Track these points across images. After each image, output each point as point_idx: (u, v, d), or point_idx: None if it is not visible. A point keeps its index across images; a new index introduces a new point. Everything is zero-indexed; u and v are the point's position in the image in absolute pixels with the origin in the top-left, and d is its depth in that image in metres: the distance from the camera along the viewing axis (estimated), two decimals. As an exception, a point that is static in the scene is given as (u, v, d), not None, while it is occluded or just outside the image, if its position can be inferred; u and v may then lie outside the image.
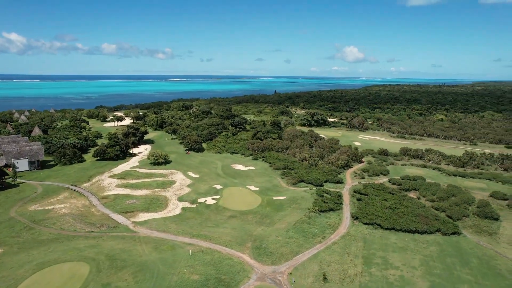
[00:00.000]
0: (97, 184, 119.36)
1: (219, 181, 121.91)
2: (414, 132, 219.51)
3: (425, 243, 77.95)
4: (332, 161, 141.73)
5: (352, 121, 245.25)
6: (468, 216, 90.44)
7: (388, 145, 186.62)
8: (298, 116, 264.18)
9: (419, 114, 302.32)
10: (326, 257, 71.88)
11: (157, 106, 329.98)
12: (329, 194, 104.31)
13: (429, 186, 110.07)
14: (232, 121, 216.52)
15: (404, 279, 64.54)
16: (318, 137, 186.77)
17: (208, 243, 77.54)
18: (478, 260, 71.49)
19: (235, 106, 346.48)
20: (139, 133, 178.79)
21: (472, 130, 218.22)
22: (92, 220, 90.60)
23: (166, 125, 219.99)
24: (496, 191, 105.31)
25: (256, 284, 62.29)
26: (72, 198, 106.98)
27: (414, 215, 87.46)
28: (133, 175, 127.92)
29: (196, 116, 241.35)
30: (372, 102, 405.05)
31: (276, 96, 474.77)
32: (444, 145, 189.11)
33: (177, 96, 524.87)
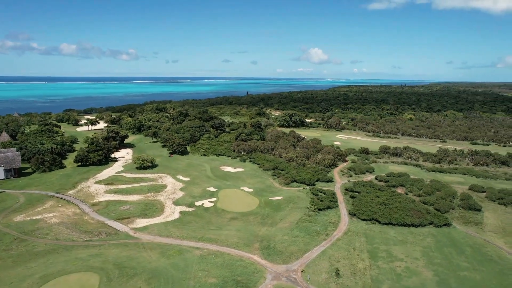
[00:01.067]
0: (83, 191, 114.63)
1: (211, 183, 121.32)
2: (388, 131, 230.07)
3: (421, 236, 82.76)
4: (318, 160, 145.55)
5: (328, 121, 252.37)
6: (454, 208, 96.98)
7: (366, 144, 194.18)
8: (277, 117, 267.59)
9: (389, 113, 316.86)
10: (333, 253, 74.32)
11: (130, 109, 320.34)
12: (324, 193, 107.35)
13: (414, 182, 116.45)
14: (212, 123, 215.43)
15: (410, 269, 68.34)
16: (300, 138, 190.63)
17: (215, 246, 77.39)
18: (471, 249, 77.11)
19: (210, 108, 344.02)
20: (119, 137, 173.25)
21: (440, 128, 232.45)
22: (88, 228, 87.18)
23: (144, 128, 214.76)
24: (474, 185, 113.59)
25: (274, 284, 63.30)
26: (60, 206, 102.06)
27: (407, 210, 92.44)
28: (121, 180, 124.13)
29: (174, 118, 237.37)
30: (343, 102, 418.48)
31: (249, 98, 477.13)
32: (417, 143, 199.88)
33: (146, 98, 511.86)
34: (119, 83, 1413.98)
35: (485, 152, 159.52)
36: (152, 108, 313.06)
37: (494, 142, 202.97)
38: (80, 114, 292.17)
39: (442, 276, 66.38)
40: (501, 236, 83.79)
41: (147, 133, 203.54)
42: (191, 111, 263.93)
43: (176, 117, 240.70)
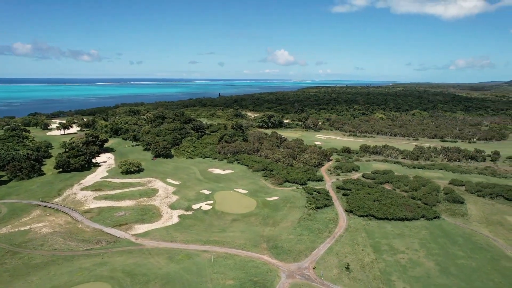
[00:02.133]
0: (70, 198, 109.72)
1: (203, 186, 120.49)
2: (364, 130, 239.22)
3: (416, 229, 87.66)
4: (305, 160, 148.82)
5: (306, 122, 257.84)
6: (440, 202, 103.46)
7: (345, 143, 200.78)
8: (255, 119, 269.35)
9: (361, 113, 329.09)
10: (339, 249, 76.96)
11: (102, 112, 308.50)
12: (318, 192, 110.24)
13: (400, 178, 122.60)
14: (193, 125, 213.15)
15: (413, 260, 72.40)
16: (282, 138, 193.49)
17: (223, 248, 77.42)
18: (462, 239, 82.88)
19: (185, 110, 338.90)
20: (99, 141, 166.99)
21: (411, 127, 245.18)
22: (85, 236, 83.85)
23: (121, 131, 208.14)
24: (454, 179, 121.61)
25: (290, 282, 64.61)
26: (47, 215, 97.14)
27: (400, 205, 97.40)
28: (109, 186, 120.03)
29: (152, 121, 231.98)
30: (315, 103, 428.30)
31: (222, 99, 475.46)
32: (393, 141, 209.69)
33: (115, 100, 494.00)
34: (82, 85, 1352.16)
35: (456, 148, 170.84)
36: (125, 110, 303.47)
37: (460, 139, 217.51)
38: (48, 118, 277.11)
39: (443, 265, 70.96)
40: (485, 226, 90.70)
41: (126, 137, 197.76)
42: (168, 114, 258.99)
43: (154, 119, 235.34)
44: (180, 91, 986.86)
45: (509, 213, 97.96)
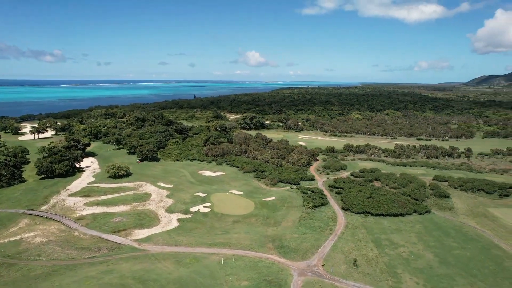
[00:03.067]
0: (59, 205, 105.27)
1: (197, 188, 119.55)
2: (344, 130, 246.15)
3: (410, 223, 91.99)
4: (294, 160, 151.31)
5: (287, 122, 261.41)
6: (428, 197, 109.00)
7: (327, 143, 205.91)
8: (237, 120, 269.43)
9: (338, 114, 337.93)
10: (343, 246, 79.40)
11: (75, 115, 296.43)
12: (312, 191, 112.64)
13: (387, 176, 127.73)
14: (176, 127, 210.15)
15: (414, 253, 76.12)
16: (267, 139, 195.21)
17: (230, 250, 77.55)
18: (454, 231, 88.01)
19: (162, 112, 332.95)
20: (81, 145, 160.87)
21: (388, 126, 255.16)
22: (84, 244, 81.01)
23: (101, 135, 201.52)
24: (437, 175, 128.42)
25: (302, 279, 65.99)
26: (38, 224, 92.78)
27: (392, 201, 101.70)
28: (98, 191, 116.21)
29: (132, 124, 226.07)
30: (292, 104, 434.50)
31: (199, 101, 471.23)
32: (372, 140, 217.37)
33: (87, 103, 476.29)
34: (47, 87, 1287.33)
35: (433, 146, 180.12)
36: (100, 113, 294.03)
37: (434, 137, 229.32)
38: (16, 122, 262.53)
39: (441, 256, 75.16)
40: (472, 218, 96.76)
41: (106, 140, 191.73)
42: (147, 116, 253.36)
43: (134, 122, 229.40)
44: (152, 92, 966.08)
45: (490, 205, 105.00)
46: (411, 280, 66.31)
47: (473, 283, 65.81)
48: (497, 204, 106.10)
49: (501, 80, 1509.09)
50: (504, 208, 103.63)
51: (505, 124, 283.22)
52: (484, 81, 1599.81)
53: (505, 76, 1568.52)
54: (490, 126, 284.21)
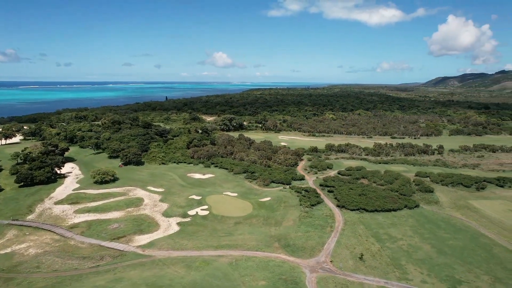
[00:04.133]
0: (46, 214, 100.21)
1: (190, 192, 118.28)
2: (322, 130, 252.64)
3: (403, 217, 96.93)
4: (281, 161, 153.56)
5: (266, 123, 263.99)
6: (415, 192, 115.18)
7: (308, 143, 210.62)
8: (216, 122, 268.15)
9: (313, 114, 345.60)
10: (346, 241, 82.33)
11: (42, 118, 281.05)
12: (306, 191, 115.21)
13: (374, 174, 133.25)
14: (156, 130, 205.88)
15: (412, 246, 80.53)
16: (251, 140, 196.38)
17: (237, 251, 77.93)
18: (443, 223, 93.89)
19: (135, 115, 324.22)
20: (59, 150, 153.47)
21: (364, 126, 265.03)
22: (84, 253, 77.95)
23: (77, 139, 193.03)
24: (419, 171, 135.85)
25: (315, 276, 67.86)
26: (27, 234, 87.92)
27: (384, 197, 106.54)
28: (87, 198, 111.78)
29: (109, 127, 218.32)
30: (266, 105, 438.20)
31: (172, 103, 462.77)
32: (350, 140, 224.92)
33: (50, 106, 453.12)
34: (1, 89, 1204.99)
35: (409, 144, 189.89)
36: (70, 116, 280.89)
37: (406, 135, 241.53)
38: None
39: (437, 247, 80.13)
40: (456, 210, 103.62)
41: (83, 144, 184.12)
42: (123, 119, 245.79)
43: (110, 125, 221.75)
44: (119, 94, 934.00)
45: (470, 198, 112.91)
46: (416, 270, 70.28)
47: (470, 270, 70.90)
48: (476, 197, 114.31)
49: (455, 81, 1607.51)
50: (482, 200, 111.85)
51: (466, 122, 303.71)
52: (440, 82, 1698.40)
53: (458, 78, 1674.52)
54: (453, 124, 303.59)
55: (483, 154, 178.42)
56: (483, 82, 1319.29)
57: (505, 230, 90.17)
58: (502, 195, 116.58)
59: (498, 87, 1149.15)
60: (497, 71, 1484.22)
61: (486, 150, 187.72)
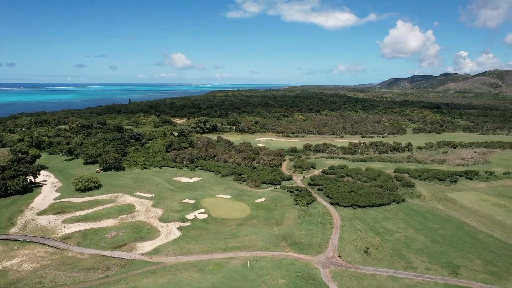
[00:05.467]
0: (31, 226, 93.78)
1: (181, 195, 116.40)
2: (295, 131, 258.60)
3: (394, 211, 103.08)
4: (265, 162, 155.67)
5: (240, 125, 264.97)
6: (398, 187, 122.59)
7: (285, 143, 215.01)
8: (189, 124, 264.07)
9: (282, 115, 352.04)
10: (348, 237, 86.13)
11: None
12: (298, 190, 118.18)
13: (357, 171, 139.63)
14: (131, 134, 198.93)
15: (409, 237, 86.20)
16: (230, 142, 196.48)
17: (247, 252, 78.58)
18: (429, 214, 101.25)
19: (101, 118, 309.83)
20: (30, 158, 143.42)
21: (334, 126, 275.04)
22: (87, 264, 74.33)
23: (44, 145, 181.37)
24: (397, 168, 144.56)
25: (329, 271, 70.54)
26: (15, 249, 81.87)
27: (372, 193, 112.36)
28: (73, 207, 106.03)
29: (79, 131, 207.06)
30: (234, 107, 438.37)
31: (136, 105, 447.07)
32: (324, 139, 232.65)
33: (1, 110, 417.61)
34: None
35: (381, 142, 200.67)
36: (29, 121, 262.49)
37: (375, 134, 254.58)
38: None
39: (430, 237, 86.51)
40: (437, 202, 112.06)
41: (53, 150, 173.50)
42: (92, 123, 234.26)
43: (80, 130, 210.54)
44: (75, 97, 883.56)
45: (447, 191, 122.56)
46: (417, 259, 75.52)
47: (464, 255, 77.59)
48: (451, 189, 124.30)
49: (406, 83, 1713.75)
50: (457, 192, 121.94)
51: (425, 121, 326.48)
52: (393, 83, 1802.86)
53: (408, 79, 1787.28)
54: (414, 123, 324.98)
55: (447, 150, 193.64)
56: (430, 84, 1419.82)
57: (483, 218, 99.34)
58: (472, 187, 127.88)
59: (443, 88, 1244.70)
60: (441, 73, 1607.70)
61: (448, 147, 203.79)
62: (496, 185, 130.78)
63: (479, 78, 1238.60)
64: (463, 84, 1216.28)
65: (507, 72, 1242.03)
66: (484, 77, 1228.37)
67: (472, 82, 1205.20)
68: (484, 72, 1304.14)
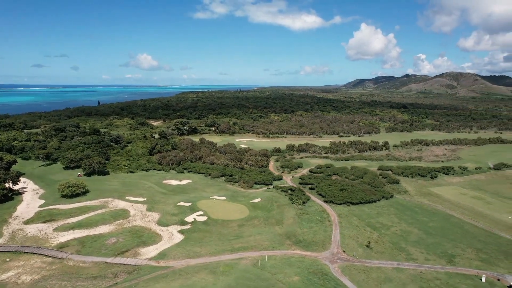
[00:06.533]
0: (20, 235, 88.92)
1: (174, 199, 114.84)
2: (274, 131, 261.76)
3: (385, 207, 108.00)
4: (253, 162, 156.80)
5: (220, 127, 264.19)
6: (385, 184, 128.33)
7: (267, 144, 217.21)
8: (169, 126, 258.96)
9: (259, 116, 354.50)
10: (348, 233, 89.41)
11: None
12: (291, 189, 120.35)
13: (343, 170, 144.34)
14: (111, 137, 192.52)
15: (404, 230, 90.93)
16: (213, 144, 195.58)
17: (255, 252, 79.47)
18: (418, 209, 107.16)
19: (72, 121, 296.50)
20: (5, 164, 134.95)
21: (311, 126, 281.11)
22: (92, 273, 71.90)
23: (16, 150, 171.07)
24: (380, 166, 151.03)
25: (337, 266, 73.11)
26: (8, 261, 77.48)
27: (362, 191, 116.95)
28: (62, 214, 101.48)
29: (53, 135, 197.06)
30: (209, 108, 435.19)
31: (107, 108, 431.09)
32: (303, 139, 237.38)
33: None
34: None
35: (360, 142, 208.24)
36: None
37: (351, 134, 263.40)
38: None
39: (422, 229, 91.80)
40: (423, 197, 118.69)
41: (27, 155, 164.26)
42: (65, 126, 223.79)
43: (54, 133, 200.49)
44: (36, 99, 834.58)
45: (429, 186, 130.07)
46: (416, 251, 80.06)
47: (456, 245, 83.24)
48: (433, 184, 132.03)
49: (370, 84, 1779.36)
50: (438, 187, 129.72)
51: (395, 121, 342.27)
52: (358, 84, 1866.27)
53: (373, 80, 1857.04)
54: (385, 122, 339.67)
55: (421, 148, 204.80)
56: (393, 84, 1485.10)
57: (466, 210, 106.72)
58: (450, 182, 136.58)
59: (406, 88, 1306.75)
60: (403, 75, 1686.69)
61: (421, 144, 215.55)
62: (470, 180, 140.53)
63: (437, 79, 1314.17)
64: (424, 85, 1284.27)
65: (461, 74, 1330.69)
66: (441, 79, 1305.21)
67: (431, 83, 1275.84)
68: (442, 74, 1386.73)
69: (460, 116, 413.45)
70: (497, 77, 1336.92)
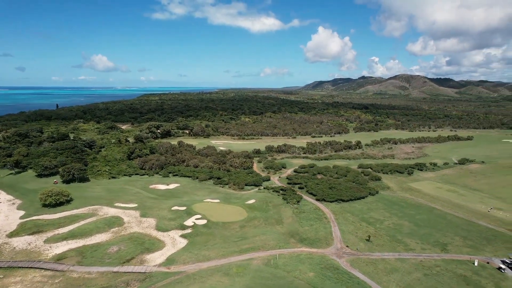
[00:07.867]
0: (8, 250, 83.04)
1: (166, 203, 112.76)
2: (249, 133, 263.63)
3: (374, 203, 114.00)
4: (237, 164, 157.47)
5: (193, 129, 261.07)
6: (368, 181, 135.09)
7: (244, 146, 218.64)
8: (141, 130, 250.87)
9: (229, 118, 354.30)
10: (347, 228, 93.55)
11: None
12: (282, 189, 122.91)
13: (326, 169, 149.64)
14: (84, 142, 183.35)
15: (396, 224, 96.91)
16: (193, 146, 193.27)
17: (263, 252, 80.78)
18: (403, 203, 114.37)
19: (34, 126, 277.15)
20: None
21: (284, 127, 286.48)
22: (102, 283, 69.19)
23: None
24: (361, 164, 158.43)
25: (344, 260, 76.61)
26: (2, 277, 72.15)
27: (350, 188, 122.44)
28: (49, 224, 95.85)
29: (17, 141, 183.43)
30: (177, 111, 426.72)
31: (68, 111, 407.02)
32: (278, 141, 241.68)
33: None
34: None
35: (334, 141, 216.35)
36: None
37: (323, 134, 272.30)
38: None
39: (412, 221, 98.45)
40: (405, 192, 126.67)
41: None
42: (28, 131, 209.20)
43: (17, 139, 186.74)
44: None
45: (408, 182, 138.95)
46: (412, 242, 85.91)
47: (445, 234, 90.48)
48: (411, 180, 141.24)
49: (329, 85, 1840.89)
50: (416, 182, 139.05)
51: (361, 121, 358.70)
52: (317, 86, 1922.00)
53: (331, 82, 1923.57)
54: (351, 122, 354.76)
55: (391, 146, 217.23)
56: (351, 86, 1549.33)
57: (445, 202, 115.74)
58: (425, 177, 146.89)
59: (363, 90, 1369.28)
60: (359, 77, 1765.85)
61: (390, 143, 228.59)
62: (441, 174, 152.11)
63: (391, 81, 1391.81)
64: (379, 86, 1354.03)
65: (412, 77, 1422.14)
66: (395, 81, 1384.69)
67: (386, 85, 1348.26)
68: (395, 76, 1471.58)
69: (417, 116, 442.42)
70: (442, 80, 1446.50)
